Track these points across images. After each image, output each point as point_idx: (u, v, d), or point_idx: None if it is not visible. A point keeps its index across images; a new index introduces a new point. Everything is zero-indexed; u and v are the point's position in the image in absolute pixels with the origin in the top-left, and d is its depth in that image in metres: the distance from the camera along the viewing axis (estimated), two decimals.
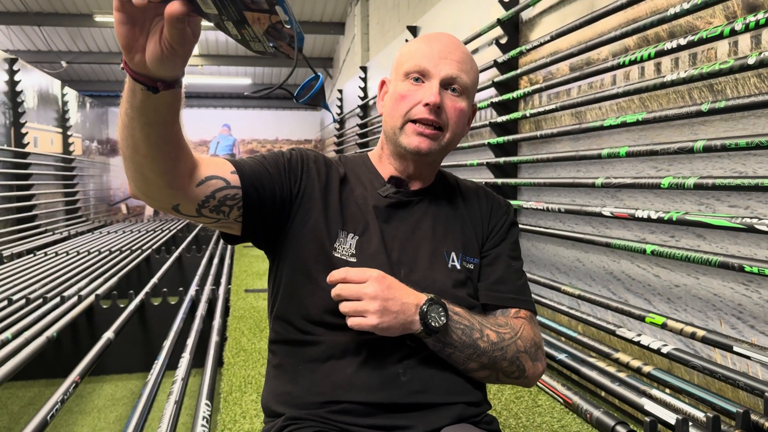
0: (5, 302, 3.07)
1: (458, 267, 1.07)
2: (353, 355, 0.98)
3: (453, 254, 1.07)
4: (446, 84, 1.02)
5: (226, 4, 0.65)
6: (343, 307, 0.91)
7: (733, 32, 1.59)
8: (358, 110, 7.04)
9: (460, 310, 0.98)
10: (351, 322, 0.91)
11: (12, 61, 6.47)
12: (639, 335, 1.98)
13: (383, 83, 1.12)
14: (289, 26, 0.68)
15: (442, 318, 0.93)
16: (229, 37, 0.70)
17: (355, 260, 1.01)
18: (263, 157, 1.03)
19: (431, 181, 1.13)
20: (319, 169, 1.06)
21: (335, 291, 0.92)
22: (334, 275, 0.92)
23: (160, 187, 0.85)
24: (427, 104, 1.00)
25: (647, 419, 1.58)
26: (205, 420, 1.78)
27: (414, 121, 1.02)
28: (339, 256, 1.02)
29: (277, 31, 0.69)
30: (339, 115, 8.64)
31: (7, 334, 2.49)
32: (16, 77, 6.47)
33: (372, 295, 0.90)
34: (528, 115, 2.75)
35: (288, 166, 1.03)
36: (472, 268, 1.08)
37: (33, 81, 7.13)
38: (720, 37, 1.64)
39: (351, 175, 1.10)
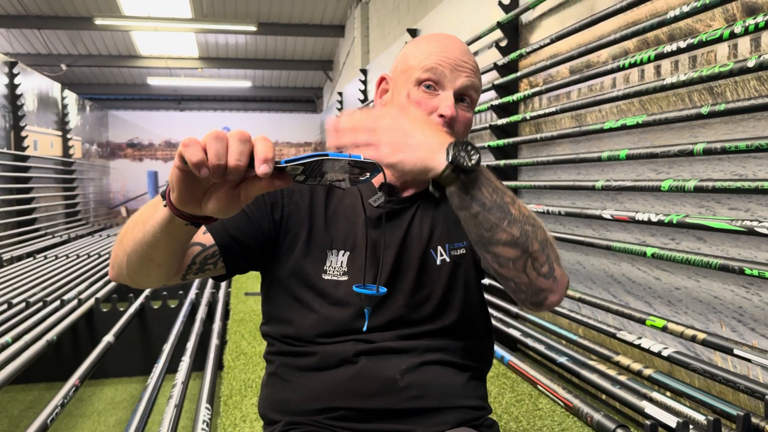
0: (5, 305, 3.07)
1: (447, 259, 1.03)
2: (349, 363, 0.97)
3: (440, 248, 1.03)
4: (459, 95, 0.98)
5: (316, 177, 0.70)
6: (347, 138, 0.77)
7: (733, 35, 1.59)
8: None
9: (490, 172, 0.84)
10: (361, 151, 0.75)
11: (12, 65, 6.47)
12: (639, 338, 1.98)
13: (383, 80, 1.07)
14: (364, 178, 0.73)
15: (474, 158, 0.76)
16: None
17: (346, 278, 0.99)
18: None
19: (426, 185, 1.08)
20: (301, 188, 1.03)
21: (344, 139, 0.77)
22: (340, 124, 0.78)
23: (158, 280, 0.89)
24: (442, 116, 0.95)
25: (648, 422, 1.58)
26: (205, 424, 1.78)
27: None
28: (329, 278, 1.00)
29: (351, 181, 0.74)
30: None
31: (7, 337, 2.49)
32: (16, 80, 6.47)
33: (388, 127, 0.77)
34: (528, 117, 2.75)
35: (266, 195, 1.01)
36: (464, 252, 1.05)
37: (33, 84, 7.13)
38: (719, 39, 1.64)
39: None
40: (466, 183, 0.78)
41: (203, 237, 0.93)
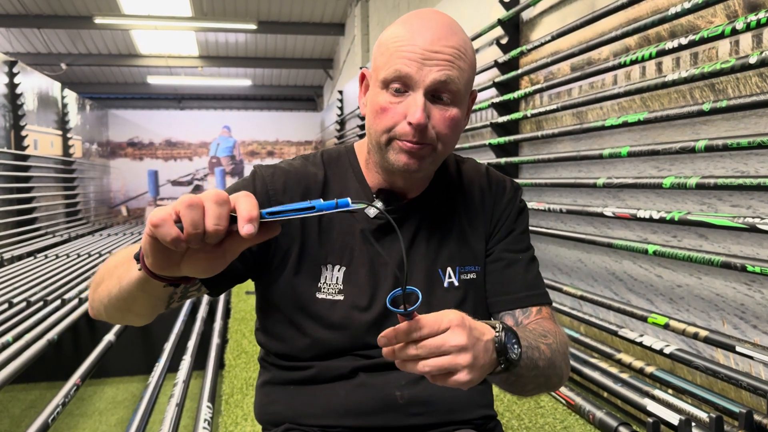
0: (6, 305, 3.07)
1: (456, 284, 0.96)
2: (347, 379, 0.93)
3: (449, 270, 0.96)
4: (434, 91, 0.85)
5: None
6: (423, 366, 0.68)
7: (734, 31, 1.59)
8: (359, 111, 7.05)
9: (518, 332, 0.80)
10: (439, 382, 0.70)
11: (12, 64, 6.46)
12: (641, 336, 1.98)
13: (363, 76, 0.95)
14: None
15: (516, 347, 0.76)
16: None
17: (342, 297, 0.92)
18: None
19: (426, 186, 0.98)
20: (292, 199, 0.93)
21: (410, 351, 0.68)
22: (391, 333, 0.68)
23: (141, 323, 0.86)
24: (410, 123, 0.84)
25: (650, 420, 1.58)
26: (206, 422, 1.78)
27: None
28: (323, 297, 0.92)
29: None
30: (339, 116, 8.64)
31: (8, 337, 2.49)
32: (16, 80, 6.46)
33: (460, 346, 0.68)
34: (529, 115, 2.74)
35: None
36: (474, 277, 0.98)
37: (33, 83, 7.12)
38: (721, 36, 1.64)
39: (334, 183, 0.97)
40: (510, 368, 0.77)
41: None
